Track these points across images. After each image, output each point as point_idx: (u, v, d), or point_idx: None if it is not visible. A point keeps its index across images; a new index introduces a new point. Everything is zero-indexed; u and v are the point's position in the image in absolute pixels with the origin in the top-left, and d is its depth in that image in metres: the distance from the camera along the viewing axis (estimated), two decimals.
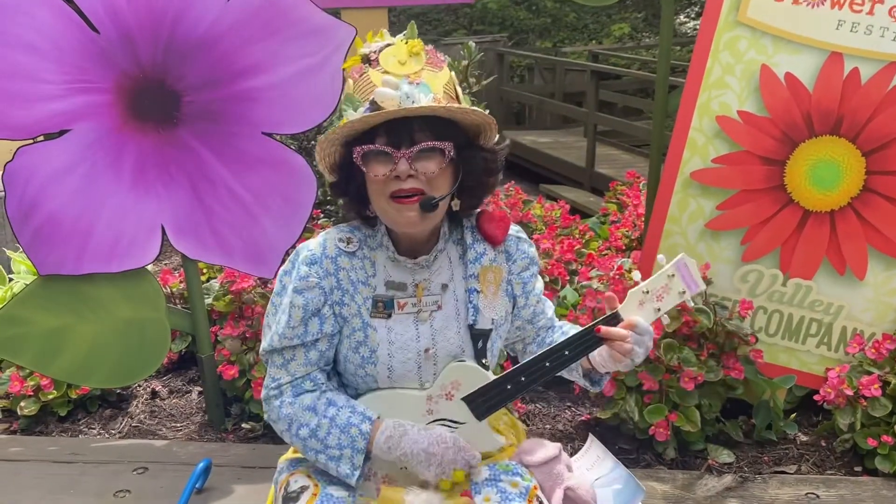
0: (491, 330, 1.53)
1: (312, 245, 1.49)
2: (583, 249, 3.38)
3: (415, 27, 1.48)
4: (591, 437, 1.92)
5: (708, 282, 2.45)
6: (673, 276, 1.45)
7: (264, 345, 1.50)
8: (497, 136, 1.48)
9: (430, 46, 1.44)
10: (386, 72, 1.37)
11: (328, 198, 4.41)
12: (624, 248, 3.43)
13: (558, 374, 1.60)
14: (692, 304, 1.53)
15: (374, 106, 1.34)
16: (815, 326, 2.51)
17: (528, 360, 1.47)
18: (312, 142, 4.75)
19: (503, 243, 1.55)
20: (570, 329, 1.64)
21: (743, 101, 2.39)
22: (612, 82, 10.22)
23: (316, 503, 1.42)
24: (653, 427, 2.31)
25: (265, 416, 1.54)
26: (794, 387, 2.51)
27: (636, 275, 1.48)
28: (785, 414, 2.51)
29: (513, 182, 4.34)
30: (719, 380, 2.34)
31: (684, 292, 1.46)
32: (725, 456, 2.34)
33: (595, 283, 2.81)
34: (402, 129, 1.35)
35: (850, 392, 2.32)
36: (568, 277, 3.04)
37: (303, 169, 2.35)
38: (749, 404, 2.49)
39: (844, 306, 2.48)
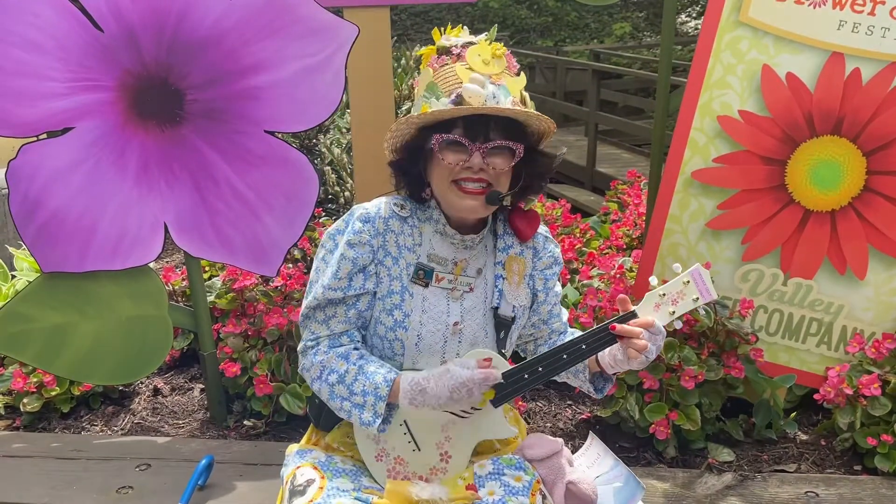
0: (513, 319, 1.59)
1: (368, 205, 1.57)
2: (584, 248, 3.40)
3: (496, 30, 1.59)
4: (591, 436, 1.93)
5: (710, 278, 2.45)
6: (688, 282, 1.52)
7: (307, 301, 1.55)
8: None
9: (508, 51, 1.54)
10: (471, 69, 1.46)
11: (329, 196, 4.43)
12: (625, 246, 3.44)
13: (565, 380, 1.67)
14: (703, 312, 1.58)
15: (460, 99, 1.43)
16: (815, 326, 2.52)
17: (545, 352, 1.52)
18: (314, 140, 4.77)
19: (532, 240, 1.63)
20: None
21: (744, 101, 2.40)
22: (614, 81, 10.23)
23: (323, 496, 1.44)
24: (653, 425, 2.32)
25: (299, 368, 1.58)
26: (794, 386, 2.52)
27: (653, 280, 1.54)
28: (785, 413, 2.52)
29: None
30: (720, 379, 2.35)
31: (697, 299, 1.52)
32: (725, 454, 2.34)
33: (596, 282, 2.82)
34: (480, 125, 1.44)
35: (849, 391, 2.32)
36: (569, 276, 3.04)
37: (305, 167, 2.36)
38: (749, 403, 2.50)
39: (845, 306, 2.49)
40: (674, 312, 1.52)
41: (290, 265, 3.14)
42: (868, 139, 2.37)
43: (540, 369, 1.50)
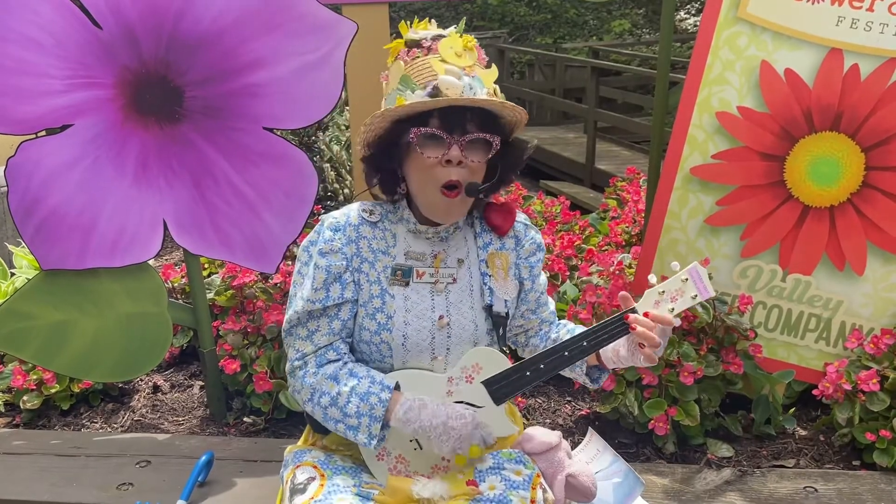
0: (507, 315, 1.59)
1: (337, 214, 1.58)
2: (583, 245, 3.40)
3: (464, 21, 1.59)
4: (590, 431, 1.94)
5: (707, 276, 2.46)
6: (686, 280, 1.53)
7: (288, 315, 1.54)
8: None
9: (477, 43, 1.54)
10: (445, 61, 1.46)
11: (329, 193, 4.43)
12: (624, 243, 3.45)
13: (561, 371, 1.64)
14: (701, 309, 1.59)
15: (437, 91, 1.42)
16: (813, 321, 2.52)
17: (547, 348, 1.52)
18: (313, 137, 4.77)
19: (512, 230, 1.64)
20: (575, 328, 1.69)
21: (743, 97, 2.40)
22: (613, 79, 10.23)
23: (323, 493, 1.44)
24: (652, 421, 2.32)
25: (289, 390, 1.58)
26: (793, 381, 2.53)
27: (652, 278, 1.57)
28: (784, 408, 2.52)
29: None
30: (718, 374, 2.35)
31: (696, 296, 1.53)
32: (724, 450, 2.35)
33: (595, 279, 2.82)
34: (456, 118, 1.44)
35: (848, 387, 2.33)
36: (568, 273, 3.05)
37: (304, 164, 2.36)
38: (748, 399, 2.51)
39: (843, 301, 2.49)
40: (673, 310, 1.53)
41: (290, 262, 3.14)
42: (867, 135, 2.37)
43: (542, 366, 1.50)
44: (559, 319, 1.78)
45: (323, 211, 3.91)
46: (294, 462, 1.58)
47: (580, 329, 1.65)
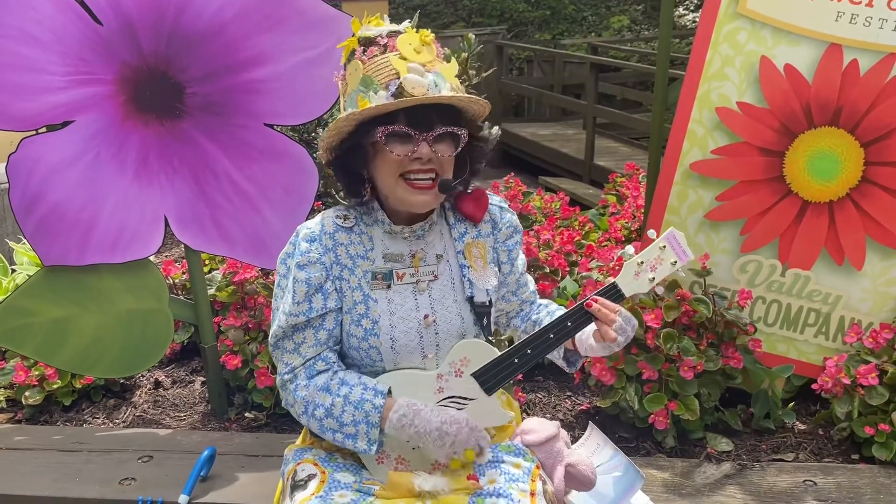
0: (490, 304, 1.59)
1: (311, 224, 1.55)
2: (582, 241, 3.40)
3: (418, 16, 1.57)
4: (591, 426, 1.94)
5: (707, 272, 2.46)
6: (664, 247, 1.56)
7: (273, 329, 1.53)
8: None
9: (434, 37, 1.50)
10: (404, 58, 1.42)
11: (329, 189, 4.42)
12: (623, 239, 3.46)
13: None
14: (682, 274, 1.64)
15: (401, 90, 1.39)
16: (813, 316, 2.53)
17: (532, 333, 1.53)
18: (313, 133, 4.76)
19: (487, 214, 1.63)
20: (555, 308, 1.71)
21: (742, 93, 2.40)
22: (612, 75, 10.21)
23: (324, 490, 1.45)
24: (652, 416, 2.33)
25: (282, 403, 1.57)
26: (793, 376, 2.53)
27: (629, 249, 1.58)
28: (783, 403, 2.53)
29: (512, 174, 4.36)
30: (718, 369, 2.36)
31: (675, 262, 1.56)
32: (724, 444, 2.36)
33: (595, 274, 2.82)
34: (422, 114, 1.42)
35: (847, 381, 2.34)
36: (568, 268, 3.05)
37: (305, 160, 2.37)
38: (748, 393, 2.51)
39: (842, 296, 2.50)
40: (653, 279, 1.55)
41: None
42: (866, 130, 2.37)
43: (529, 351, 1.52)
44: (540, 299, 1.80)
45: (323, 207, 3.92)
46: (295, 459, 1.58)
47: (559, 309, 1.68)
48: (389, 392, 1.49)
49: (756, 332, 2.48)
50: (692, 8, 13.68)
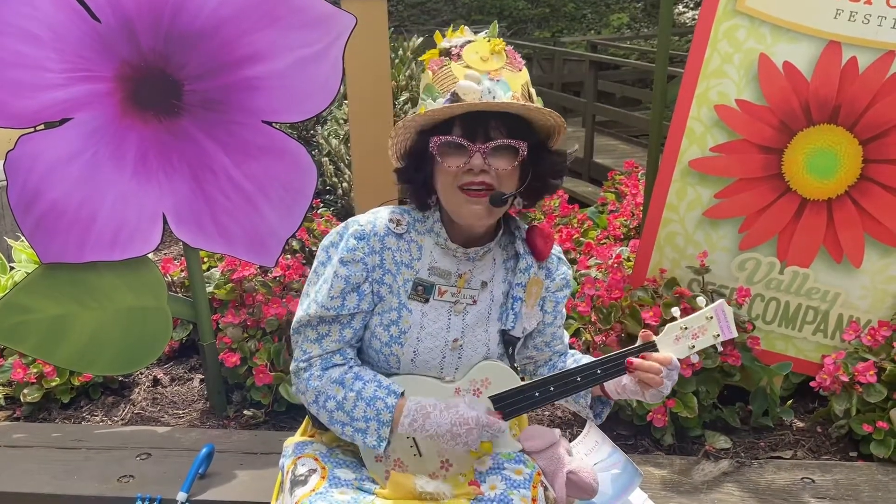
0: (520, 340, 1.57)
1: (363, 220, 1.52)
2: (581, 238, 3.41)
3: (496, 26, 1.51)
4: (589, 423, 1.94)
5: (706, 270, 2.47)
6: (711, 318, 1.50)
7: (299, 314, 1.52)
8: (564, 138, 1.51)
9: (510, 47, 1.47)
10: (468, 66, 1.40)
11: (328, 187, 4.43)
12: (622, 236, 3.46)
13: (562, 403, 1.65)
14: (720, 349, 1.59)
15: (455, 97, 1.36)
16: (811, 314, 2.53)
17: (559, 372, 1.51)
18: (312, 131, 4.76)
19: (546, 260, 1.60)
20: (582, 358, 1.68)
21: (741, 90, 2.40)
22: (611, 72, 10.22)
23: (324, 486, 1.44)
24: (651, 413, 2.33)
25: (292, 389, 1.58)
26: (791, 374, 2.53)
27: (675, 311, 1.54)
28: (781, 400, 2.53)
29: None
30: (717, 367, 2.36)
31: (718, 336, 1.50)
32: (722, 442, 2.36)
33: (594, 272, 2.83)
34: (479, 124, 1.38)
35: (845, 378, 2.34)
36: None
37: (303, 158, 2.36)
38: (746, 391, 2.52)
39: (841, 294, 2.50)
40: (693, 346, 1.50)
41: (289, 256, 3.15)
42: (864, 128, 2.37)
43: (552, 388, 1.50)
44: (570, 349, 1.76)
45: (321, 205, 3.92)
46: (295, 453, 1.58)
47: (587, 359, 1.64)
48: (402, 393, 1.48)
49: (754, 329, 2.49)
50: (692, 6, 13.68)
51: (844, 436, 2.40)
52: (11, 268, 3.13)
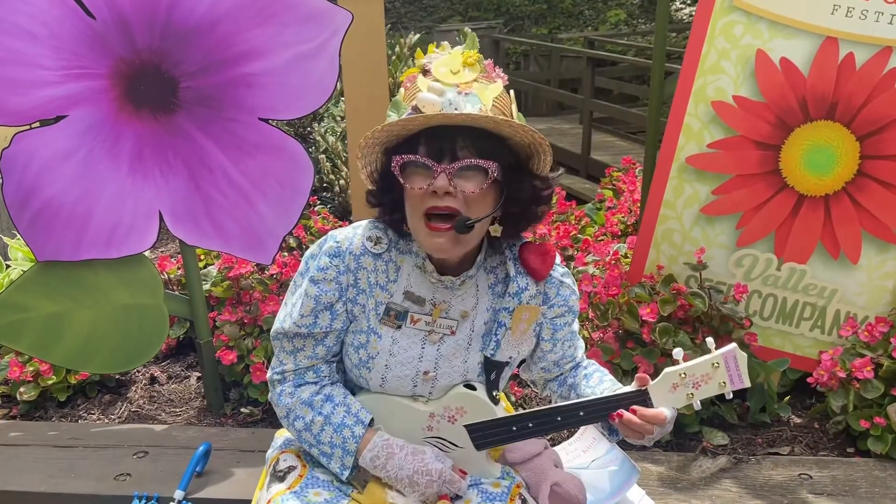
0: (506, 364, 1.48)
1: (340, 236, 1.43)
2: (579, 235, 3.41)
3: (475, 39, 1.42)
4: None
5: (703, 266, 2.47)
6: (717, 365, 1.33)
7: (276, 325, 1.48)
8: (550, 162, 1.36)
9: (488, 61, 1.36)
10: (436, 80, 1.30)
11: (324, 184, 4.42)
12: (620, 233, 3.46)
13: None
14: (729, 397, 1.40)
15: (415, 111, 1.27)
16: (808, 310, 2.53)
17: (540, 409, 1.40)
18: (309, 128, 4.75)
19: (546, 282, 1.46)
20: (594, 371, 1.57)
21: (738, 86, 2.40)
22: (608, 69, 10.22)
23: (301, 484, 1.44)
24: None
25: (268, 396, 1.55)
26: (788, 370, 2.54)
27: (678, 352, 1.35)
28: (779, 397, 2.53)
29: None
30: None
31: (725, 384, 1.34)
32: (720, 438, 2.36)
33: (591, 268, 2.83)
34: (445, 142, 1.26)
35: (842, 374, 2.34)
36: (565, 263, 3.05)
37: (300, 155, 2.36)
38: (743, 387, 2.51)
39: (838, 290, 2.50)
40: (692, 395, 1.34)
41: (286, 253, 3.14)
42: (861, 124, 2.37)
43: (530, 425, 1.39)
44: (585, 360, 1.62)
45: (318, 202, 3.91)
46: (281, 447, 1.57)
47: (598, 371, 1.54)
48: (372, 422, 1.44)
49: (752, 326, 2.49)
50: (689, 2, 13.67)
51: (842, 432, 2.40)
52: (7, 266, 3.12)
